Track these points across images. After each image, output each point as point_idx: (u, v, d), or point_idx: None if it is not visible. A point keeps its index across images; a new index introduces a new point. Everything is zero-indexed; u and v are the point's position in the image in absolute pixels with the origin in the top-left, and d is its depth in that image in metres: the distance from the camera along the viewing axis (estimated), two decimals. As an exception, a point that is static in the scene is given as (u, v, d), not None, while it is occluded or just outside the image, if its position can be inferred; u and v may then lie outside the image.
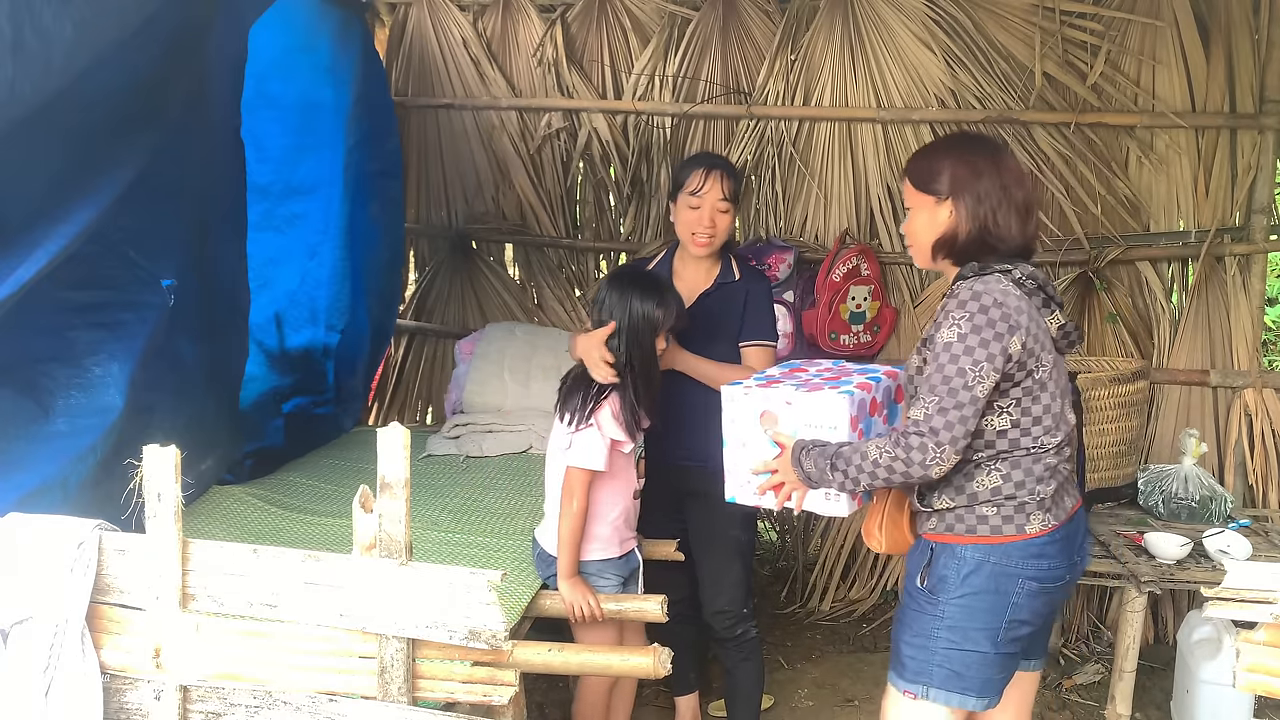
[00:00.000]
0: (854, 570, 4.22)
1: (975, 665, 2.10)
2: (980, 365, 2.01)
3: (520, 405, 3.78)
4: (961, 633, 2.10)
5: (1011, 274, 2.10)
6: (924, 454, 2.02)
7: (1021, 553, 2.08)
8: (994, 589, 2.08)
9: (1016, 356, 2.04)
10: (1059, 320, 2.15)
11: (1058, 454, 2.11)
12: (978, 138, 2.33)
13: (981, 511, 2.10)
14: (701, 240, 2.82)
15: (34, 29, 1.96)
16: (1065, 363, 2.21)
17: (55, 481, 2.25)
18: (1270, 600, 1.76)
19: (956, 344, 2.02)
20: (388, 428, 1.84)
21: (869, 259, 3.96)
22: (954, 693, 2.12)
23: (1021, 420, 2.08)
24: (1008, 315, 2.03)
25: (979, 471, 2.10)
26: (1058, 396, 2.11)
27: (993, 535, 2.09)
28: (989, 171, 2.13)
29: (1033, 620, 2.13)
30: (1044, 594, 2.11)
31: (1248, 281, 3.88)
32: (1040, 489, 2.09)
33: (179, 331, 2.70)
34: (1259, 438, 3.84)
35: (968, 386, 2.00)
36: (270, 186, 3.79)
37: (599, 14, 4.20)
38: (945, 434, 2.01)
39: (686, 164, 2.93)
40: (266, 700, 1.93)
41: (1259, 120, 3.80)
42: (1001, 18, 3.90)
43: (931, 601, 2.13)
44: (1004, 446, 2.09)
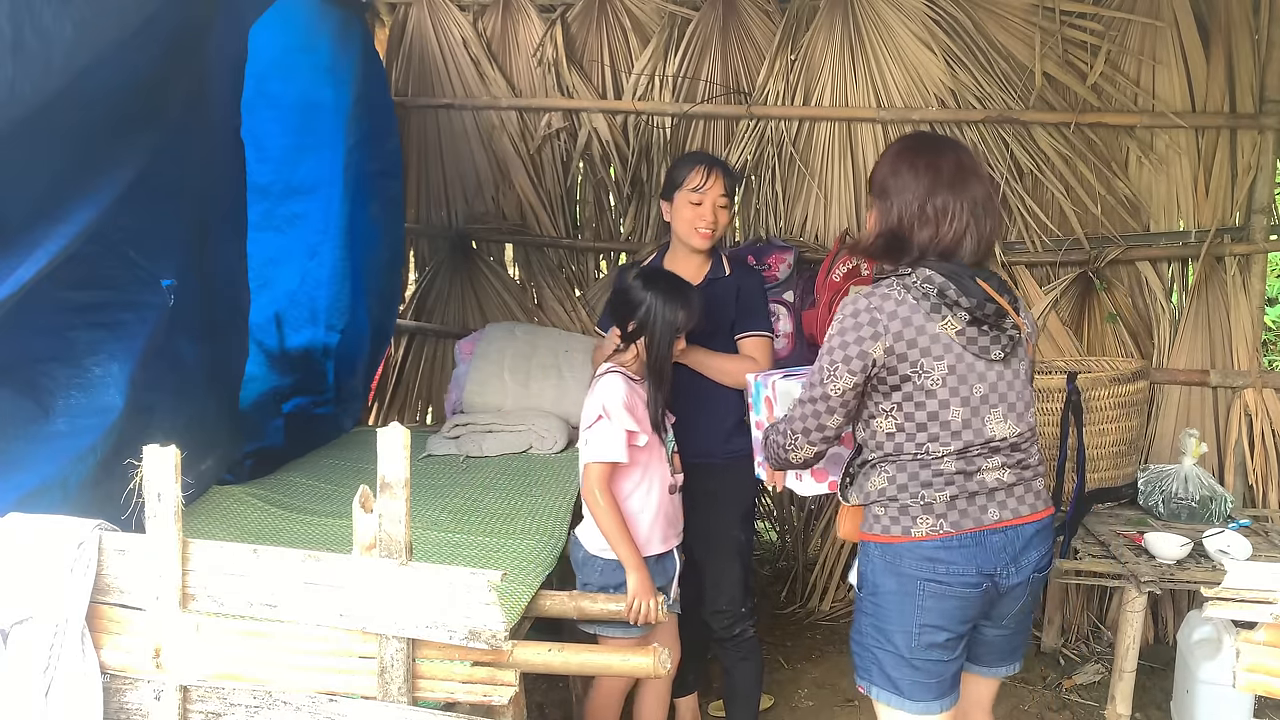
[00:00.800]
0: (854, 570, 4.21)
1: (896, 667, 2.11)
2: (835, 365, 2.09)
3: (520, 405, 3.78)
4: (882, 632, 2.13)
5: (906, 278, 2.09)
6: (784, 439, 2.21)
7: (912, 554, 2.09)
8: (898, 589, 2.10)
9: (881, 360, 2.06)
10: (956, 325, 2.05)
11: (962, 461, 2.07)
12: (921, 138, 2.30)
13: (875, 511, 2.15)
14: (705, 233, 2.93)
15: (34, 29, 1.96)
16: (1003, 371, 2.11)
17: (55, 481, 2.25)
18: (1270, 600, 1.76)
19: (824, 345, 2.13)
20: (388, 428, 1.84)
21: (869, 259, 3.96)
22: (888, 692, 2.14)
23: (905, 425, 2.09)
24: (875, 320, 2.06)
25: (873, 472, 2.16)
26: (955, 405, 2.06)
27: (883, 535, 2.13)
28: (907, 172, 2.12)
29: (947, 625, 2.09)
30: (953, 598, 2.08)
31: (1248, 281, 3.89)
32: (926, 494, 2.08)
33: (179, 331, 2.69)
34: (1259, 438, 3.84)
35: (821, 383, 2.12)
36: (270, 186, 3.79)
37: (599, 14, 4.21)
38: (799, 424, 2.17)
39: (683, 163, 3.01)
40: (266, 700, 1.93)
41: (1259, 120, 3.81)
42: (1001, 18, 3.90)
43: (860, 599, 2.20)
44: (890, 449, 2.12)
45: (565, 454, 3.60)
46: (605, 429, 2.58)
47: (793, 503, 4.32)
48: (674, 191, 2.97)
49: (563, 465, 3.47)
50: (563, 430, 3.66)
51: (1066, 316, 4.02)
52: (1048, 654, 3.90)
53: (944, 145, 2.21)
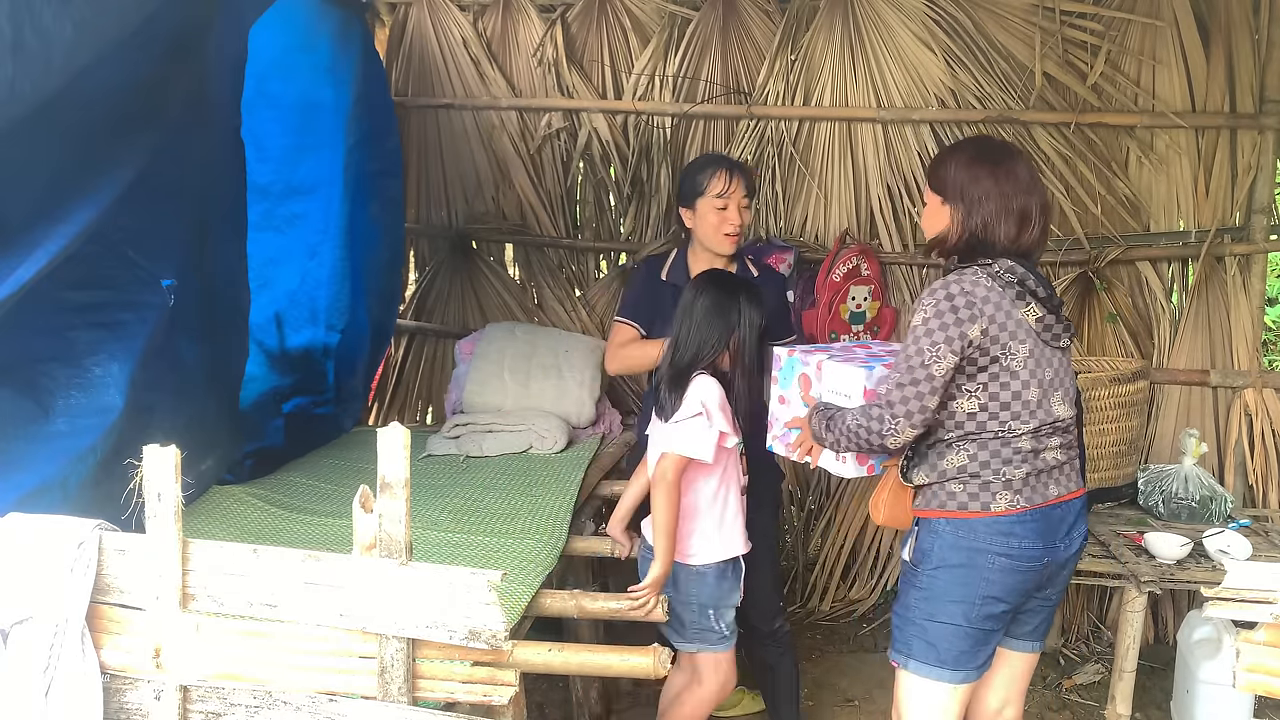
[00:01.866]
0: (854, 570, 4.22)
1: (948, 637, 2.23)
2: (938, 346, 2.16)
3: (520, 405, 3.78)
4: (937, 604, 2.24)
5: (990, 267, 2.23)
6: (881, 424, 2.22)
7: (988, 529, 2.20)
8: (965, 563, 2.21)
9: (977, 342, 2.17)
10: (1037, 313, 2.22)
11: (1034, 440, 2.22)
12: (989, 144, 2.42)
13: (950, 488, 2.25)
14: (732, 236, 2.95)
15: (34, 29, 1.96)
16: (1063, 358, 2.29)
17: (55, 481, 2.25)
18: (1270, 600, 1.76)
19: (920, 327, 2.20)
20: (388, 428, 1.84)
21: (869, 259, 3.97)
22: (928, 664, 2.26)
23: (989, 404, 2.20)
24: (971, 303, 2.17)
25: (949, 450, 2.25)
26: (1033, 386, 2.21)
27: (959, 511, 2.23)
28: (987, 178, 2.25)
29: (1006, 597, 2.23)
30: (1017, 572, 2.22)
31: (1248, 281, 3.89)
32: (1007, 470, 2.21)
33: (179, 331, 2.69)
34: (1259, 438, 3.84)
35: (924, 365, 2.17)
36: (270, 186, 3.79)
37: (599, 14, 4.21)
38: (900, 407, 2.20)
39: (701, 168, 2.99)
40: (266, 700, 1.93)
41: (1259, 120, 3.80)
42: (1001, 18, 3.90)
43: (914, 574, 2.30)
44: (972, 428, 2.22)
45: (565, 454, 3.60)
46: (700, 426, 2.54)
47: (793, 503, 4.32)
48: (696, 199, 2.96)
49: (563, 465, 3.47)
50: (563, 430, 3.66)
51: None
52: (1048, 654, 3.89)
53: (1013, 151, 2.37)
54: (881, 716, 3.46)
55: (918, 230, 4.06)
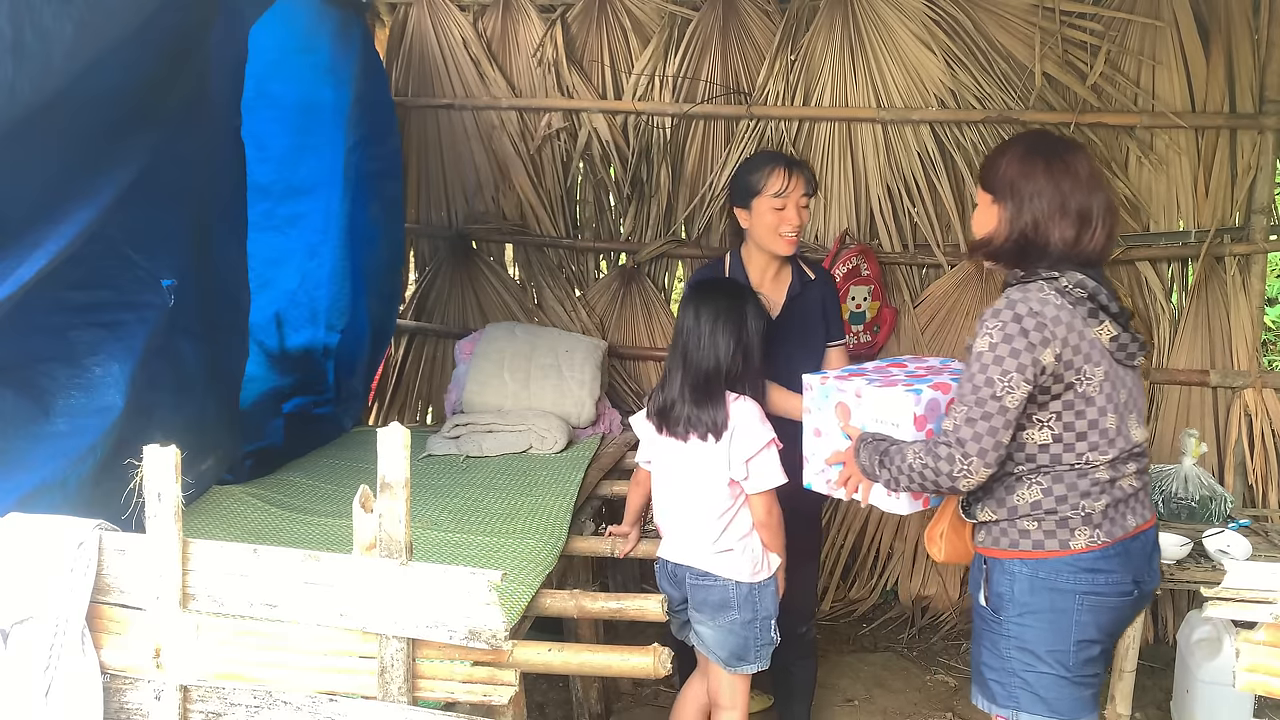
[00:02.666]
0: (854, 570, 4.22)
1: (1054, 687, 2.04)
2: (1009, 375, 1.96)
3: (520, 405, 3.78)
4: (1032, 654, 2.05)
5: (1057, 282, 2.02)
6: (951, 465, 2.00)
7: (1071, 568, 2.02)
8: (1051, 607, 2.03)
9: (1050, 368, 1.97)
10: (1111, 331, 2.04)
11: (1112, 469, 2.04)
12: (1045, 138, 2.19)
13: (1022, 525, 2.06)
14: (791, 238, 2.82)
15: (34, 29, 1.96)
16: (1135, 376, 2.11)
17: (55, 481, 2.25)
18: (1270, 600, 1.76)
19: (987, 353, 1.98)
20: (388, 428, 1.84)
21: (869, 259, 3.96)
22: (1042, 716, 2.06)
23: (1064, 435, 2.02)
24: (1042, 325, 1.97)
25: (1019, 485, 2.06)
26: (1110, 411, 2.02)
27: (1035, 550, 2.05)
28: (1041, 174, 2.05)
29: (1102, 638, 2.06)
30: (1109, 610, 2.04)
31: (1248, 281, 3.88)
32: (1086, 504, 2.03)
33: (179, 331, 2.70)
34: (1259, 438, 3.84)
35: (996, 397, 1.97)
36: (270, 186, 3.79)
37: (599, 14, 4.20)
38: (973, 445, 1.98)
39: (758, 165, 2.87)
40: (266, 700, 1.93)
41: (1259, 120, 3.80)
42: (1001, 18, 3.90)
43: (996, 620, 2.09)
44: (1045, 461, 2.04)
45: (565, 454, 3.60)
46: (773, 455, 2.51)
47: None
48: (752, 198, 2.83)
49: (563, 465, 3.47)
50: (563, 430, 3.66)
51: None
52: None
53: (1073, 145, 2.14)
54: (881, 716, 3.46)
55: (918, 230, 4.07)
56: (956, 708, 3.46)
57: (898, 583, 4.15)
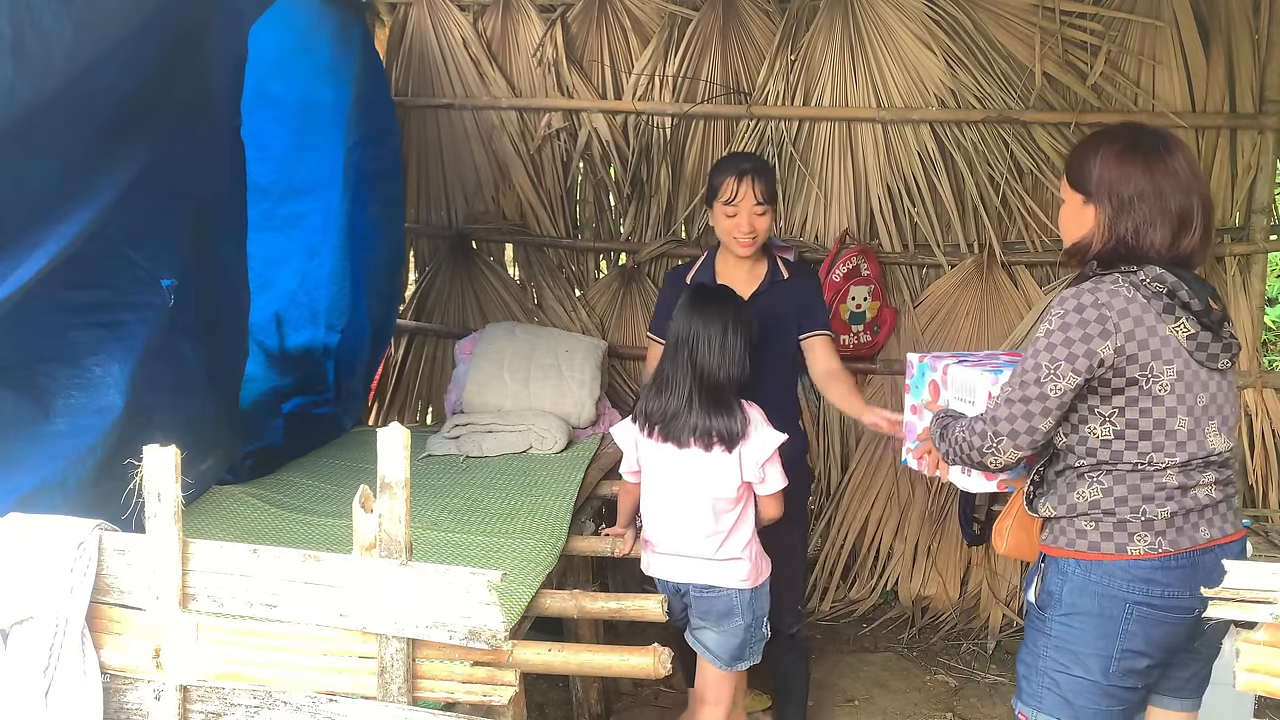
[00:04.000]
0: (854, 570, 4.22)
1: (1084, 693, 2.00)
2: (1058, 364, 1.93)
3: (520, 405, 3.78)
4: (1071, 655, 2.00)
5: (1135, 275, 1.96)
6: (983, 441, 2.01)
7: (1125, 574, 1.96)
8: (1099, 611, 1.98)
9: (1110, 362, 1.92)
10: (1189, 329, 1.94)
11: (1183, 475, 1.96)
12: (1143, 133, 2.06)
13: (1080, 525, 2.01)
14: (745, 243, 2.91)
15: (34, 29, 1.96)
16: (1222, 381, 2.01)
17: (55, 481, 2.25)
18: (1270, 600, 1.75)
19: (1042, 339, 1.96)
20: (388, 428, 1.84)
21: (869, 259, 3.96)
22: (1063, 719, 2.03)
23: (1126, 432, 1.96)
24: (1104, 318, 1.92)
25: (1080, 482, 2.02)
26: (1181, 413, 1.94)
27: (1090, 552, 1.99)
28: (1141, 176, 1.97)
29: (1151, 652, 1.98)
30: (1163, 624, 1.96)
31: (1248, 281, 3.89)
32: (1148, 508, 1.96)
33: (179, 331, 2.69)
34: (1259, 438, 3.84)
35: (1039, 382, 1.95)
36: (270, 186, 3.79)
37: (599, 14, 4.20)
38: (1005, 425, 1.98)
39: (718, 171, 2.96)
40: (266, 700, 1.93)
41: (1259, 120, 3.81)
42: (1001, 18, 3.90)
43: (1041, 619, 2.06)
44: (1106, 457, 1.98)
45: (565, 454, 3.60)
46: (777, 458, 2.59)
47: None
48: (712, 201, 2.95)
49: (563, 465, 3.47)
50: (563, 430, 3.66)
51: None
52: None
53: (1172, 142, 2.03)
54: (881, 716, 3.46)
55: (918, 230, 4.07)
56: (956, 708, 3.46)
57: (898, 583, 4.15)
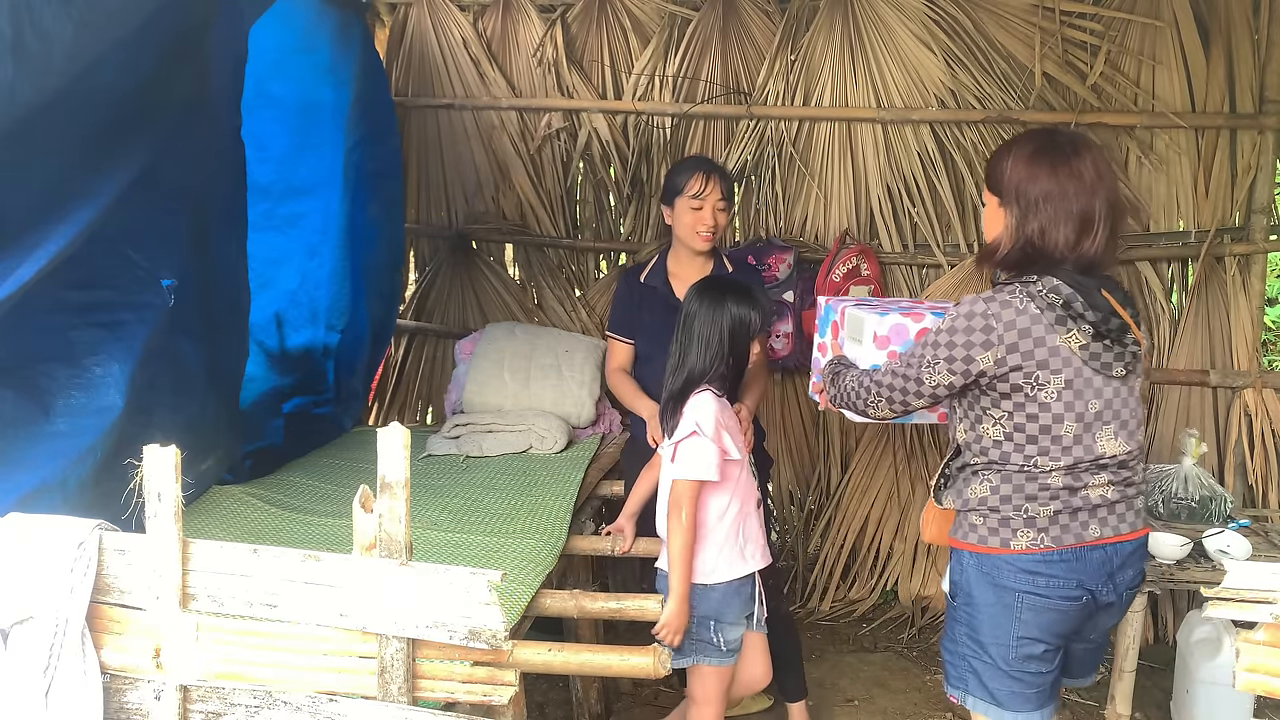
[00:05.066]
0: (854, 570, 4.22)
1: (994, 678, 2.11)
2: (938, 361, 2.10)
3: (520, 405, 3.78)
4: (978, 642, 2.13)
5: (1033, 285, 2.03)
6: (866, 394, 2.29)
7: (1011, 567, 2.07)
8: (996, 601, 2.09)
9: (991, 371, 2.04)
10: (1080, 340, 2.01)
11: (1070, 476, 2.04)
12: (1054, 136, 2.14)
13: (972, 519, 2.14)
14: (705, 236, 3.09)
15: (34, 29, 1.96)
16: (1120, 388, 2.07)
17: (55, 481, 2.25)
18: (1270, 600, 1.76)
19: (932, 335, 2.14)
20: (388, 428, 1.84)
21: (869, 259, 3.96)
22: (984, 702, 2.14)
23: (1015, 435, 2.06)
24: (990, 329, 2.03)
25: (974, 479, 2.14)
26: (1069, 420, 2.02)
27: (979, 545, 2.12)
28: (1047, 179, 2.04)
29: (1045, 638, 2.08)
30: (1052, 610, 2.06)
31: (1248, 281, 3.89)
32: (1030, 507, 2.06)
33: (179, 331, 2.69)
34: (1259, 438, 3.84)
35: (918, 370, 2.14)
36: (270, 186, 3.79)
37: (599, 14, 4.20)
38: (885, 390, 2.23)
39: (681, 169, 3.14)
40: (266, 700, 1.93)
41: (1259, 120, 3.80)
42: (1001, 18, 3.90)
43: (954, 607, 2.19)
44: (996, 457, 2.10)
45: (565, 454, 3.60)
46: (697, 445, 2.50)
47: (793, 503, 4.32)
48: (674, 197, 3.11)
49: (563, 465, 3.47)
50: (563, 430, 3.66)
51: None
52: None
53: (1081, 145, 2.10)
54: (881, 716, 3.46)
55: (918, 230, 4.07)
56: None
57: (898, 583, 4.15)
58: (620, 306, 3.30)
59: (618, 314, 3.30)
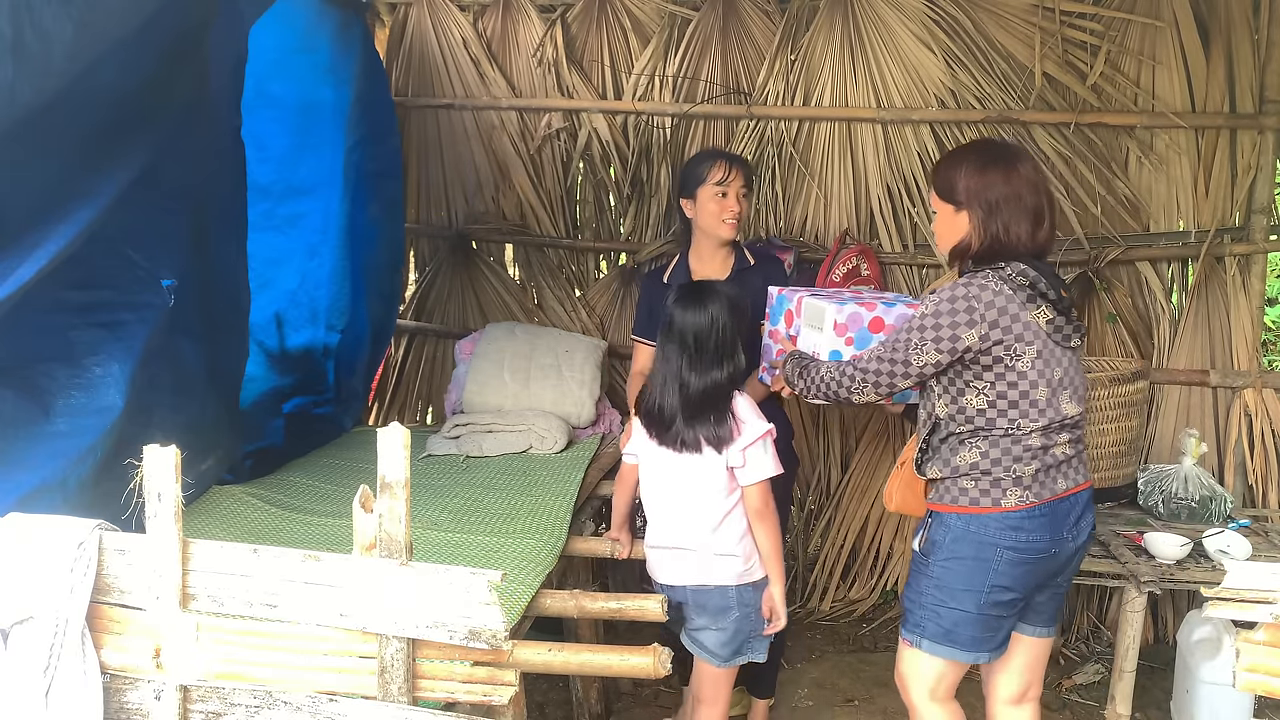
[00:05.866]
0: (854, 570, 4.22)
1: (961, 623, 2.35)
2: (925, 343, 2.31)
3: (520, 405, 3.78)
4: (948, 592, 2.35)
5: (1003, 270, 2.30)
6: (851, 383, 2.46)
7: (999, 524, 2.31)
8: (975, 555, 2.32)
9: (975, 346, 2.28)
10: (1047, 315, 2.29)
11: (1044, 437, 2.31)
12: (995, 147, 2.47)
13: (962, 484, 2.35)
14: (731, 223, 3.11)
15: (34, 29, 1.96)
16: (1073, 357, 2.35)
17: (55, 481, 2.25)
18: (1270, 600, 1.76)
19: (917, 319, 2.34)
20: (388, 428, 1.84)
21: (869, 259, 3.96)
22: (942, 645, 2.38)
23: (998, 402, 2.30)
24: (972, 309, 2.27)
25: (962, 447, 2.35)
26: (1042, 386, 2.29)
27: (971, 506, 2.33)
28: (1000, 183, 2.33)
29: (1015, 587, 2.33)
30: (1025, 563, 2.32)
31: (1248, 281, 3.88)
32: (1017, 467, 2.30)
33: (179, 331, 2.69)
34: (1259, 438, 3.84)
35: (905, 353, 2.34)
36: (270, 186, 3.79)
37: (599, 14, 4.21)
38: (873, 377, 2.41)
39: (701, 160, 3.17)
40: (266, 700, 1.93)
41: (1259, 120, 3.80)
42: (1001, 18, 3.90)
43: (925, 563, 2.40)
44: (982, 424, 2.32)
45: (565, 454, 3.60)
46: (765, 446, 2.58)
47: (793, 503, 4.32)
48: (696, 188, 3.12)
49: (563, 465, 3.47)
50: (563, 430, 3.66)
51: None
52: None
53: (1017, 151, 2.43)
54: (882, 716, 3.46)
55: (918, 230, 4.07)
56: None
57: (898, 583, 4.15)
58: (644, 309, 3.29)
59: (643, 317, 3.28)
